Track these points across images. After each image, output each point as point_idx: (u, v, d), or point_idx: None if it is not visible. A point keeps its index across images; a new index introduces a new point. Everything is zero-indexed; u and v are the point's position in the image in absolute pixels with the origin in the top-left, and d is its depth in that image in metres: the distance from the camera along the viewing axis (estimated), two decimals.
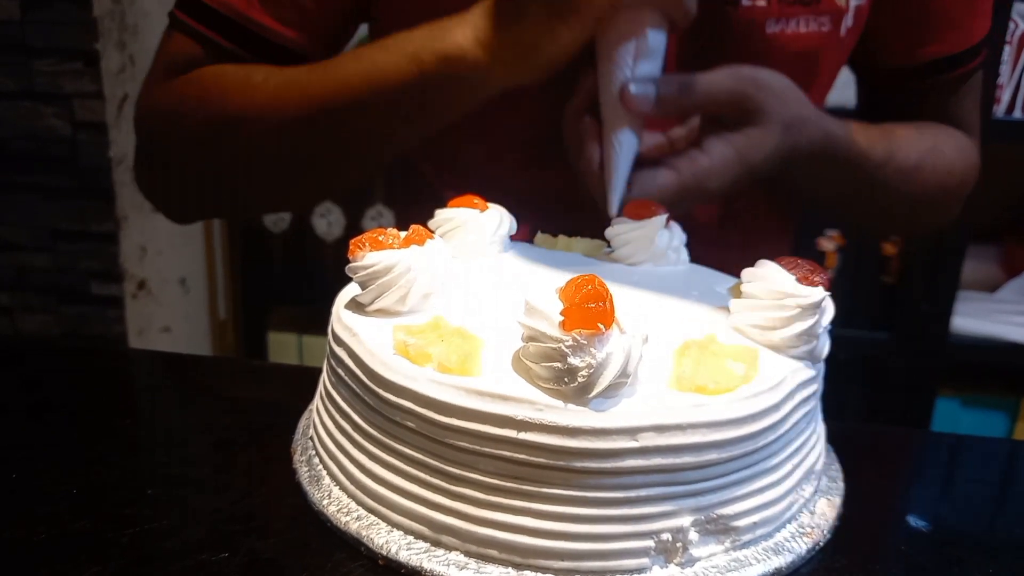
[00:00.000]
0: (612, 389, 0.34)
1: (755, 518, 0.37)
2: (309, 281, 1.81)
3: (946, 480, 0.47)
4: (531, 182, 0.62)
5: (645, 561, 0.35)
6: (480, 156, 0.65)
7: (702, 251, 0.54)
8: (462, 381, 0.35)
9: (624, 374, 0.34)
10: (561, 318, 0.34)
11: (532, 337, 0.34)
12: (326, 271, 1.79)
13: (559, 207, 0.61)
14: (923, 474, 0.47)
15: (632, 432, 0.33)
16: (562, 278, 0.36)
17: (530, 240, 0.55)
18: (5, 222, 1.58)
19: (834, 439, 0.45)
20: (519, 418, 0.33)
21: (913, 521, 0.41)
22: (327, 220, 1.76)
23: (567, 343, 0.33)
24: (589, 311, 0.33)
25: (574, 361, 0.33)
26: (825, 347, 0.41)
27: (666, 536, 0.35)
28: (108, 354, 0.63)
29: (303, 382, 0.49)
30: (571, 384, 0.33)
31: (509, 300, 0.41)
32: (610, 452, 0.33)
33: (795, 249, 0.70)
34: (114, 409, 0.50)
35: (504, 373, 0.35)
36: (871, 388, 1.49)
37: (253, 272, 1.82)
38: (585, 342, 0.33)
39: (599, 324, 0.33)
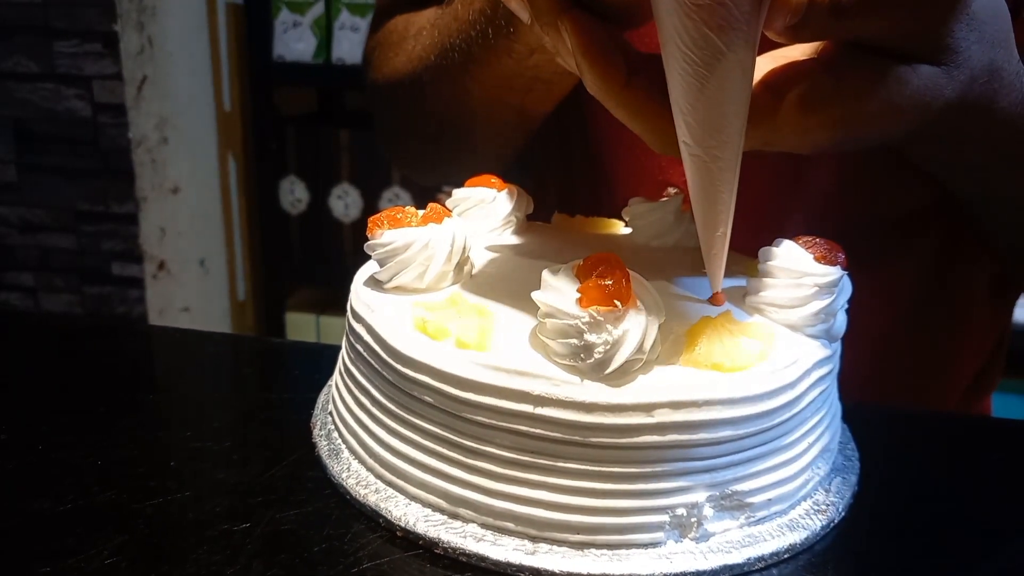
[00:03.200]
0: (628, 365, 0.34)
1: (770, 495, 0.37)
2: (327, 262, 1.82)
3: (965, 461, 0.47)
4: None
5: (660, 535, 0.35)
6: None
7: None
8: (480, 356, 0.35)
9: (640, 351, 0.34)
10: (578, 295, 0.34)
11: (549, 314, 0.35)
12: (343, 253, 1.80)
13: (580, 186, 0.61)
14: (941, 455, 0.47)
15: (648, 408, 0.33)
16: (580, 256, 0.36)
17: (547, 220, 0.55)
18: (28, 204, 1.60)
19: (850, 418, 0.45)
20: (536, 393, 0.34)
21: None
22: (344, 202, 1.77)
23: (584, 320, 0.33)
24: (606, 288, 0.34)
25: (591, 338, 0.33)
26: (842, 326, 0.41)
27: (681, 511, 0.35)
28: (130, 331, 0.64)
29: (321, 359, 0.49)
30: (587, 360, 0.34)
31: (526, 277, 0.41)
32: (625, 428, 0.33)
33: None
34: (137, 384, 0.51)
35: (521, 349, 0.36)
36: None
37: (271, 253, 1.84)
38: (602, 319, 0.33)
39: (616, 301, 0.33)
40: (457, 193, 0.51)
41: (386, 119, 0.66)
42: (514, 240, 0.50)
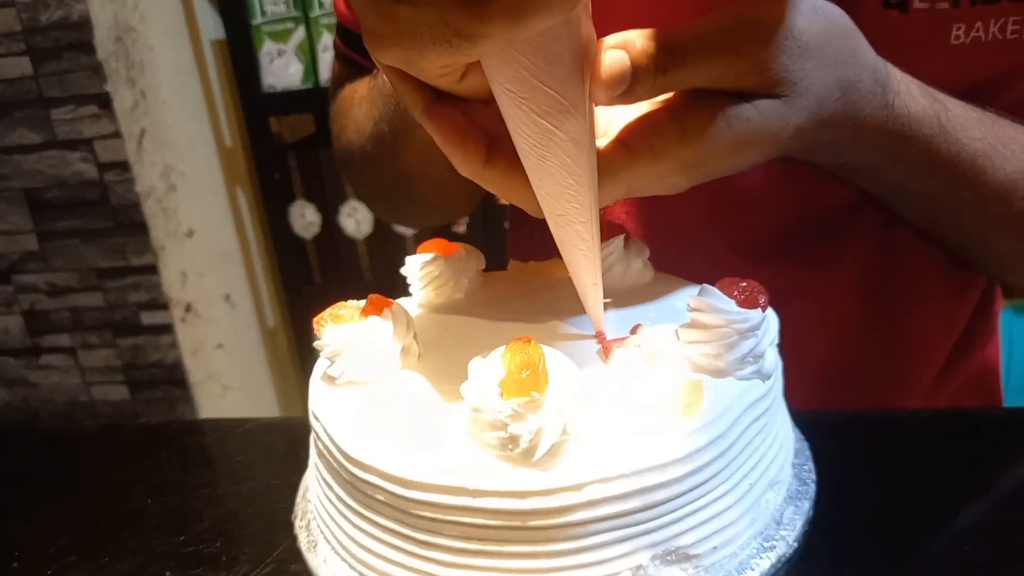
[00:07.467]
0: (555, 448, 0.36)
1: (715, 542, 0.38)
2: (345, 278, 1.85)
3: (925, 464, 0.47)
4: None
5: None
6: None
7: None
8: (420, 456, 0.37)
9: (564, 432, 0.36)
10: (499, 388, 0.36)
11: (477, 408, 0.36)
12: (360, 268, 1.83)
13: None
14: (900, 460, 0.48)
15: (578, 487, 0.35)
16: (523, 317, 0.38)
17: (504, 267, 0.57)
18: (53, 268, 1.65)
19: (808, 428, 0.46)
20: (472, 487, 0.36)
21: None
22: (354, 219, 1.79)
23: (506, 413, 0.35)
24: (522, 380, 0.35)
25: (515, 429, 0.35)
26: (773, 364, 0.42)
27: (627, 575, 0.37)
28: (111, 431, 0.67)
29: (299, 433, 0.52)
30: (516, 450, 0.35)
31: (472, 352, 0.43)
32: (560, 509, 0.35)
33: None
34: (131, 489, 0.54)
35: (460, 442, 0.38)
36: None
37: (292, 279, 1.88)
38: (522, 410, 0.35)
39: (532, 392, 0.35)
40: (408, 262, 0.53)
41: (354, 183, 0.68)
42: (466, 304, 0.51)
